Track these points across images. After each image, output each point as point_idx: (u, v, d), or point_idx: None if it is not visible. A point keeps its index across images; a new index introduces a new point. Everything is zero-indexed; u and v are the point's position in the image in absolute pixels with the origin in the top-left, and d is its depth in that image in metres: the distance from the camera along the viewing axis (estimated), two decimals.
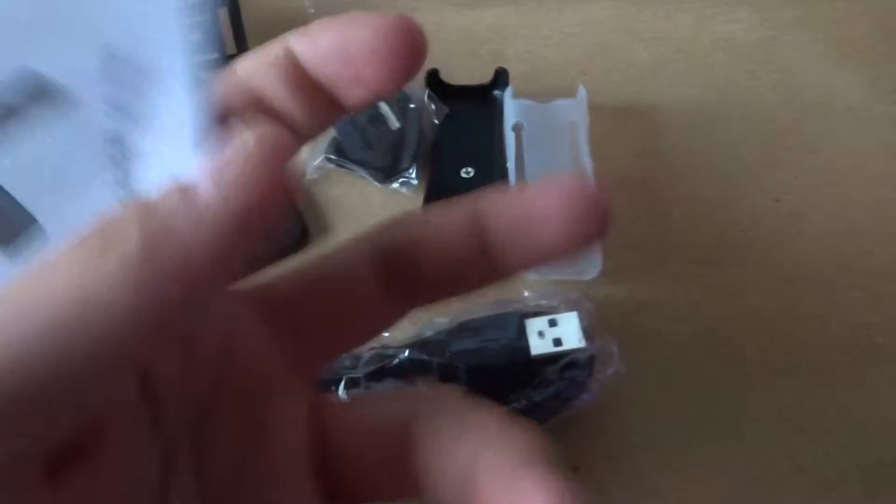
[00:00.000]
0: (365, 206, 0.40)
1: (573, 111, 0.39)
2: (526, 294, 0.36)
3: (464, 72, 0.42)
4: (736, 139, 0.42)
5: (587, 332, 0.34)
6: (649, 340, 0.37)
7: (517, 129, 0.39)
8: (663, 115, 0.42)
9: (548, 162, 0.38)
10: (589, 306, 0.35)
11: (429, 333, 0.35)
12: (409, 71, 0.13)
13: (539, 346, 0.33)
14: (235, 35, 0.41)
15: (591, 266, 0.37)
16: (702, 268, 0.38)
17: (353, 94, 0.14)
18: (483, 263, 0.15)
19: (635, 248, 0.39)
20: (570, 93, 0.41)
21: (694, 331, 0.37)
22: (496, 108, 0.40)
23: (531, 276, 0.37)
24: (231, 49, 0.41)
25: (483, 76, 0.42)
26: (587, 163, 0.38)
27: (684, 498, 0.34)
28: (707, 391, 0.36)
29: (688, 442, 0.35)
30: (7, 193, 0.19)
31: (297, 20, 0.42)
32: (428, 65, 0.41)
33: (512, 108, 0.39)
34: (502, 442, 0.14)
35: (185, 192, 0.12)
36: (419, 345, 0.34)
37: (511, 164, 0.38)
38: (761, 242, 0.39)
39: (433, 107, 0.40)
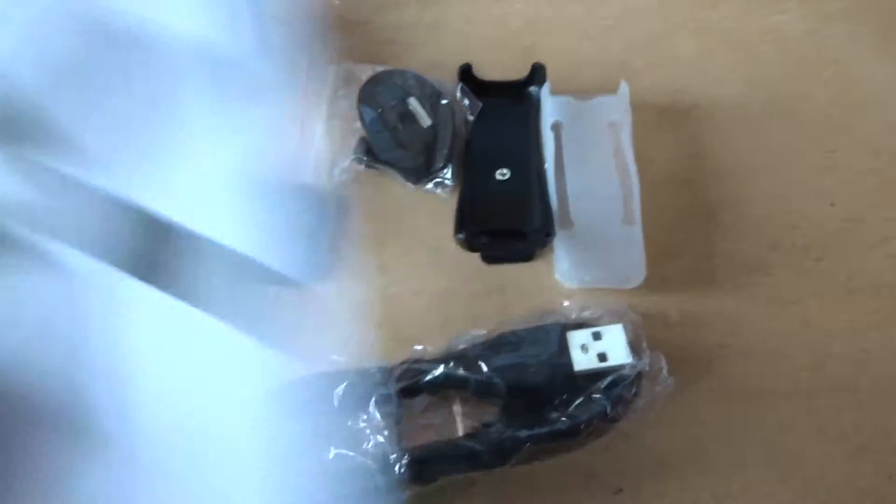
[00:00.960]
0: (397, 208, 0.38)
1: (615, 109, 0.37)
2: (566, 304, 0.34)
3: (497, 67, 0.40)
4: (787, 138, 0.39)
5: (633, 345, 0.32)
6: (697, 354, 0.34)
7: (556, 128, 0.36)
8: (709, 113, 0.40)
9: (589, 163, 0.36)
10: (634, 318, 0.33)
11: (462, 346, 0.33)
12: None
13: (583, 361, 0.31)
14: None
15: (634, 274, 0.34)
16: (753, 276, 0.36)
17: None
18: None
19: (681, 255, 0.36)
20: (609, 88, 0.39)
21: (745, 344, 0.35)
22: (532, 106, 0.38)
23: (571, 285, 0.35)
24: None
25: (518, 72, 0.40)
26: (630, 164, 0.35)
27: None
28: (760, 409, 0.33)
29: (740, 464, 0.33)
30: None
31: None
32: (460, 59, 0.39)
33: (550, 106, 0.37)
34: None
35: None
36: (454, 359, 0.32)
37: (550, 165, 0.36)
38: (817, 249, 0.36)
39: (466, 102, 0.38)
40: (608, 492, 0.32)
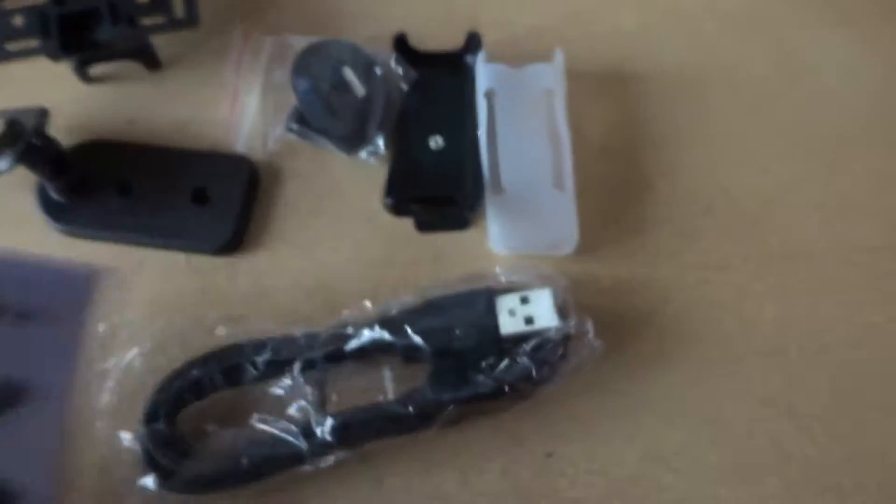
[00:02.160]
0: (330, 178, 0.38)
1: (550, 77, 0.37)
2: (497, 270, 0.34)
3: (434, 38, 0.40)
4: (723, 107, 0.39)
5: (561, 310, 0.32)
6: (628, 319, 0.35)
7: (489, 95, 0.36)
8: (646, 84, 0.40)
9: (522, 131, 0.35)
10: (563, 283, 0.33)
11: (393, 312, 0.33)
12: None
13: (509, 324, 0.31)
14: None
15: (566, 241, 0.34)
16: (685, 243, 0.36)
17: None
18: None
19: (614, 223, 0.36)
20: (547, 60, 0.38)
21: (676, 310, 0.35)
22: (467, 76, 0.38)
23: (503, 252, 0.35)
24: (180, 12, 0.38)
25: (455, 43, 0.39)
26: (563, 131, 0.35)
27: (665, 487, 0.32)
28: (690, 374, 0.34)
29: (669, 427, 0.33)
30: None
31: None
32: (396, 28, 0.39)
33: (484, 74, 0.36)
34: None
35: None
36: (381, 323, 0.32)
37: (483, 132, 0.35)
38: (748, 216, 0.37)
39: (401, 72, 0.37)
40: (538, 456, 0.32)
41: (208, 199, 0.36)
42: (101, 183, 0.37)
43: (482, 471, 0.32)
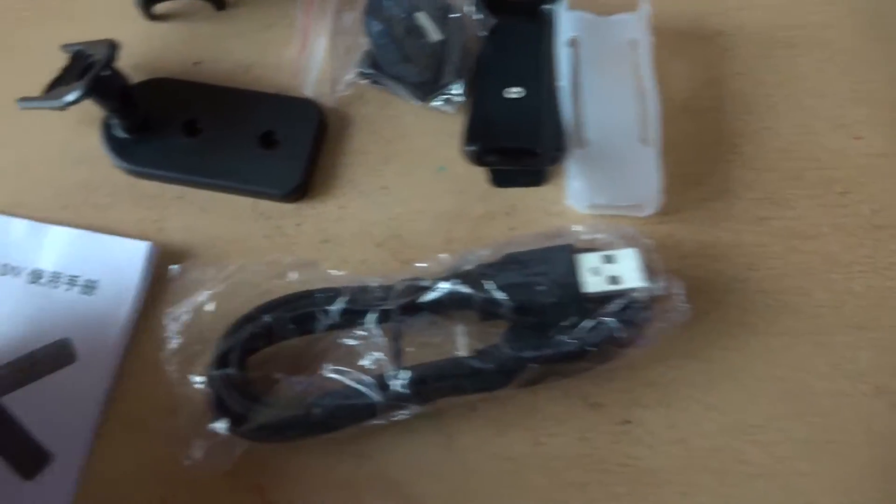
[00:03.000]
0: (401, 125, 0.36)
1: (635, 27, 0.35)
2: (576, 228, 0.33)
3: None
4: (812, 69, 0.37)
5: (647, 270, 0.30)
6: (711, 286, 0.33)
7: (573, 43, 0.34)
8: (731, 41, 0.38)
9: (606, 82, 0.34)
10: (648, 243, 0.31)
11: (467, 266, 0.31)
12: None
13: (593, 283, 0.30)
14: None
15: (650, 199, 0.33)
16: (772, 208, 0.34)
17: None
18: None
19: (698, 185, 0.35)
20: (629, 9, 0.37)
21: (762, 277, 0.33)
22: (547, 24, 0.36)
23: (582, 209, 0.34)
24: None
25: None
26: (649, 83, 0.34)
27: (746, 460, 0.30)
28: (776, 344, 0.32)
29: (753, 399, 0.31)
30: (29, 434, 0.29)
31: None
32: None
33: (567, 21, 0.35)
34: None
35: None
36: (458, 277, 0.30)
37: (566, 83, 0.34)
38: (841, 183, 0.35)
39: (479, 17, 0.36)
40: (614, 422, 0.31)
41: (276, 143, 0.35)
42: (167, 122, 0.35)
43: (556, 434, 0.31)
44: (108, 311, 0.32)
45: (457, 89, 0.35)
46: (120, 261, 0.33)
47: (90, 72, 0.31)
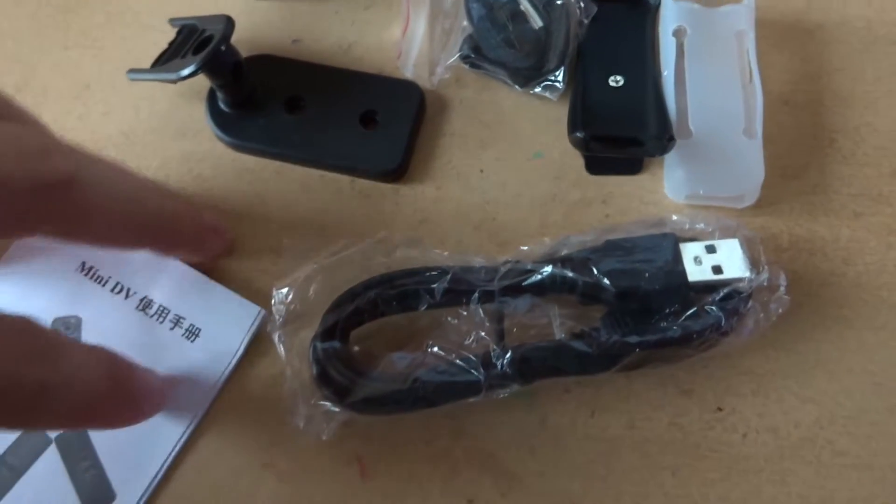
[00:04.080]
0: (500, 110, 0.37)
1: (741, 18, 0.35)
2: (675, 218, 0.33)
3: None
4: None
5: (750, 260, 0.30)
6: (807, 279, 0.33)
7: (678, 34, 0.34)
8: (832, 35, 0.38)
9: (712, 73, 0.34)
10: (749, 234, 0.32)
11: (566, 251, 0.32)
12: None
13: (697, 271, 0.30)
14: None
15: (750, 192, 0.33)
16: (870, 204, 0.34)
17: None
18: None
19: (795, 178, 0.35)
20: (733, 2, 0.37)
21: (858, 273, 0.33)
22: (650, 11, 0.36)
23: (680, 200, 0.34)
24: None
25: None
26: (756, 76, 0.34)
27: (839, 451, 0.31)
28: (871, 340, 0.32)
29: (845, 392, 0.32)
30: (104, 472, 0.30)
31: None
32: None
33: (673, 11, 0.35)
34: None
35: None
36: (559, 261, 0.31)
37: (670, 73, 0.34)
38: None
39: (581, 4, 0.36)
40: (707, 409, 0.31)
41: (377, 124, 0.36)
42: (271, 98, 0.36)
43: (650, 418, 0.31)
44: (204, 362, 0.32)
45: (559, 76, 0.35)
46: (228, 318, 0.32)
47: (206, 47, 0.32)
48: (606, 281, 0.30)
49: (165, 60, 0.35)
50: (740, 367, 0.32)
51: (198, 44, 0.34)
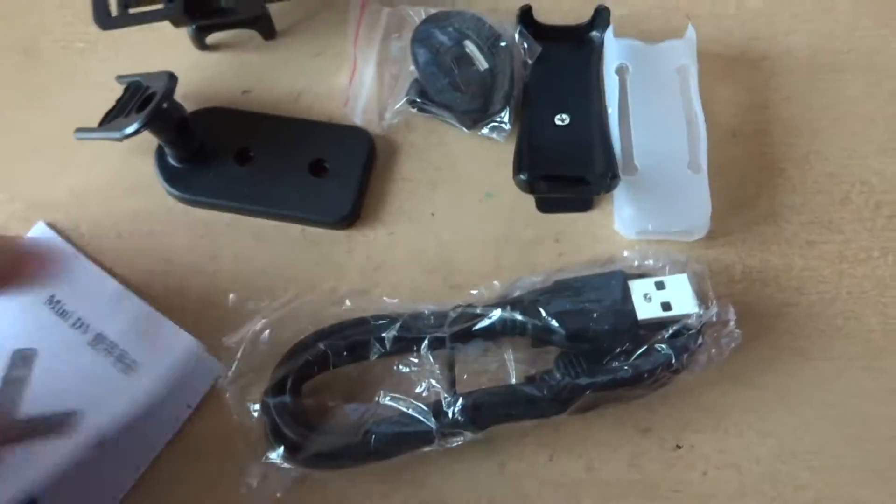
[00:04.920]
0: (449, 153, 0.37)
1: (683, 53, 0.35)
2: (626, 254, 0.33)
3: (558, 11, 0.39)
4: (861, 94, 0.37)
5: (699, 295, 0.30)
6: (762, 310, 0.33)
7: (621, 71, 0.35)
8: (778, 65, 0.38)
9: (655, 109, 0.34)
10: (698, 268, 0.32)
11: (517, 293, 0.32)
12: None
13: (647, 309, 0.30)
14: None
15: (700, 225, 0.33)
16: (821, 233, 0.34)
17: None
18: None
19: (746, 208, 0.35)
20: (674, 35, 0.37)
21: (812, 302, 0.33)
22: (594, 51, 0.36)
23: (631, 236, 0.34)
24: None
25: (580, 16, 0.38)
26: (698, 110, 0.34)
27: (802, 485, 0.30)
28: (828, 369, 0.32)
29: (805, 424, 0.31)
30: None
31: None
32: (520, 2, 0.38)
33: (615, 48, 0.35)
34: None
35: None
36: (510, 304, 0.31)
37: (614, 110, 0.34)
38: (889, 206, 0.35)
39: (525, 46, 0.36)
40: (666, 447, 0.31)
41: (326, 171, 0.36)
42: (219, 151, 0.36)
43: (609, 459, 0.31)
44: (148, 406, 0.32)
45: (504, 117, 0.35)
46: (164, 349, 0.33)
47: (150, 104, 0.32)
48: (555, 323, 0.30)
49: (112, 118, 0.35)
50: (699, 402, 0.32)
51: (142, 101, 0.34)
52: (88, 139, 0.35)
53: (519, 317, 0.30)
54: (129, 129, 0.32)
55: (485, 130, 0.36)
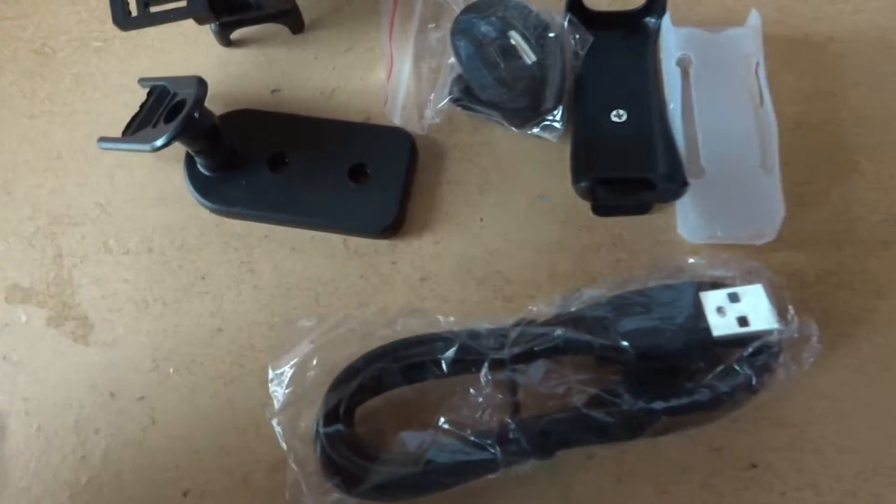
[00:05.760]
0: (496, 154, 0.34)
1: (748, 41, 0.33)
2: (692, 261, 0.31)
3: None
4: None
5: (777, 309, 0.28)
6: (839, 318, 0.31)
7: (683, 63, 0.32)
8: (845, 47, 0.35)
9: (722, 104, 0.32)
10: (774, 277, 0.29)
11: (575, 307, 0.30)
12: None
13: (722, 325, 0.28)
14: None
15: (769, 229, 0.31)
16: None
17: None
18: None
19: (816, 206, 0.33)
20: (734, 20, 0.34)
21: (891, 307, 0.31)
22: (650, 39, 0.34)
23: (696, 240, 0.32)
24: None
25: (628, 2, 0.35)
26: (769, 104, 0.31)
27: None
28: None
29: (890, 441, 0.29)
30: None
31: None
32: None
33: (676, 39, 0.32)
34: None
35: None
36: (573, 321, 0.29)
37: (676, 105, 0.32)
38: None
39: (576, 36, 0.34)
40: (740, 467, 0.29)
41: (367, 176, 0.34)
42: (251, 156, 0.34)
43: (679, 481, 0.29)
44: None
45: (557, 116, 0.33)
46: None
47: (179, 113, 0.30)
48: (625, 343, 0.28)
49: (138, 125, 0.33)
50: (773, 418, 0.30)
51: (170, 109, 0.31)
52: (114, 149, 0.33)
53: (584, 335, 0.28)
54: (160, 142, 0.30)
55: (535, 130, 0.33)
